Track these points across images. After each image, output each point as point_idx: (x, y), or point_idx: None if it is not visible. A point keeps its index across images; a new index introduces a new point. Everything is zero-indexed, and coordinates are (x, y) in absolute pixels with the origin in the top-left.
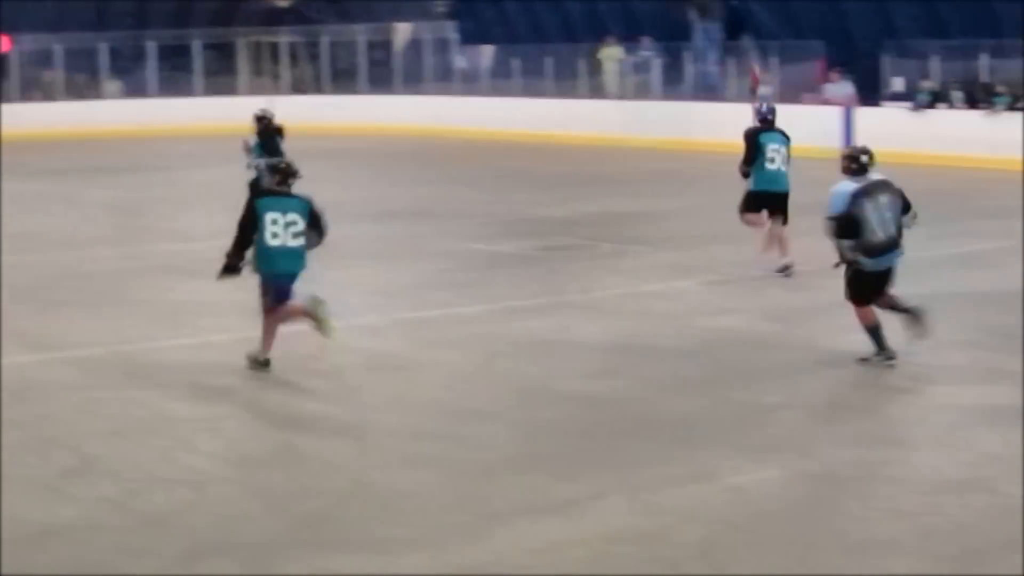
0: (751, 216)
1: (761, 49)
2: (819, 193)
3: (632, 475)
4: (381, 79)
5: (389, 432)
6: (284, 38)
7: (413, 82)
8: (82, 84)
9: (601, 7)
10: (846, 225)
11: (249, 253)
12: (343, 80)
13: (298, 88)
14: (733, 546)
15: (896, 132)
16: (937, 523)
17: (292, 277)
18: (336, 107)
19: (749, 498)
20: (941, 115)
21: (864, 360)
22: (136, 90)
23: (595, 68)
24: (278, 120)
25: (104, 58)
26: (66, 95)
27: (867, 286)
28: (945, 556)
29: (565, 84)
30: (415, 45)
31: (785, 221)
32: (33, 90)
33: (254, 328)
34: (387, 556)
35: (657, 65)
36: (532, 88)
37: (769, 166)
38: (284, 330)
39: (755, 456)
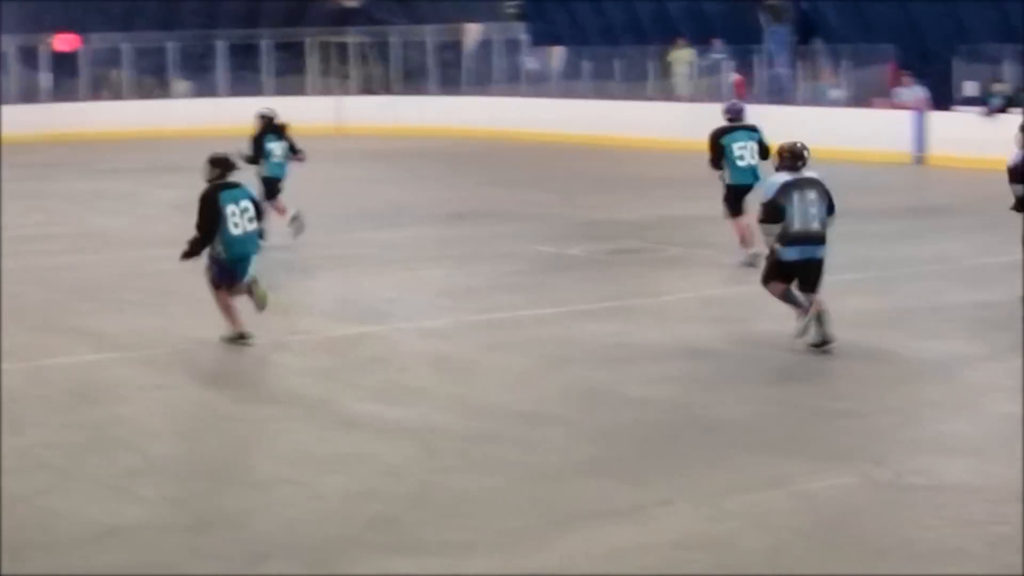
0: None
1: (832, 52)
2: (883, 199)
3: (699, 481)
4: (450, 80)
5: (455, 435)
6: (353, 38)
7: (482, 83)
8: (151, 83)
9: (672, 9)
10: (771, 212)
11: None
12: (412, 81)
13: (367, 89)
14: (801, 554)
15: (968, 136)
16: (1006, 532)
17: (250, 258)
18: (405, 108)
19: (817, 505)
20: (1014, 119)
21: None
22: (205, 90)
23: (665, 70)
24: (284, 120)
25: (173, 57)
26: (135, 94)
27: (781, 273)
28: (1013, 565)
29: (635, 86)
30: (484, 46)
31: None
32: (102, 89)
33: (320, 328)
34: (452, 560)
35: (728, 68)
36: (601, 90)
37: (739, 163)
38: (345, 333)
39: (823, 462)
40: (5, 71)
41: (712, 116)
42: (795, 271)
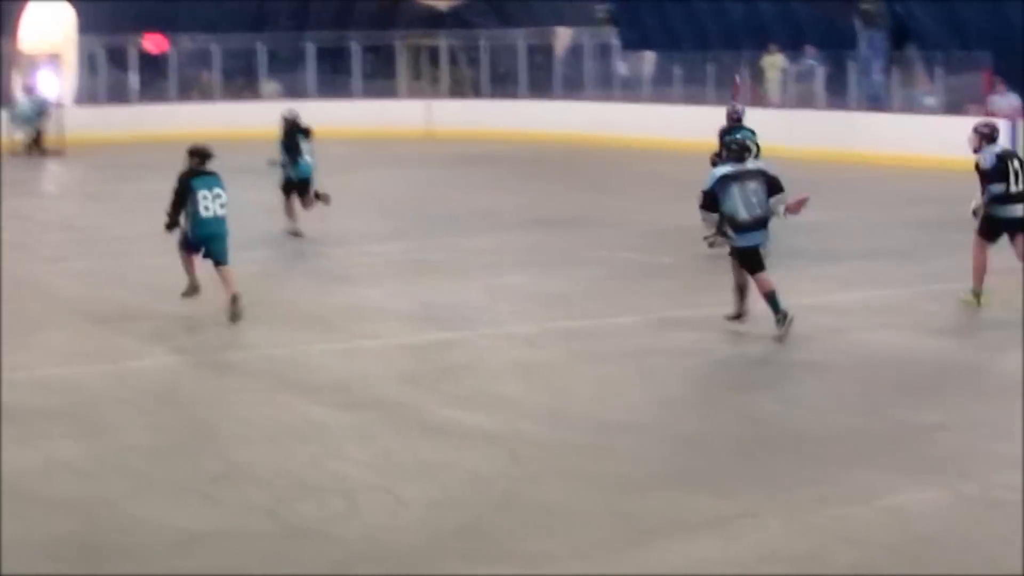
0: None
1: (926, 59)
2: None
3: (786, 493)
4: (540, 84)
5: (540, 443)
6: (443, 41)
7: (573, 88)
8: (240, 85)
9: (764, 14)
10: (708, 201)
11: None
12: (502, 85)
13: (456, 92)
14: (887, 569)
15: None
16: None
17: (221, 239)
18: (494, 112)
19: (906, 520)
20: None
21: (733, 319)
22: (294, 92)
23: (757, 76)
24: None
25: (263, 59)
26: (224, 96)
27: (743, 259)
28: None
29: (727, 92)
30: (575, 51)
31: None
32: (191, 90)
33: (406, 333)
34: (537, 570)
35: (820, 74)
36: (693, 96)
37: None
38: (430, 339)
39: (913, 477)
40: (94, 72)
41: (804, 122)
42: (746, 255)
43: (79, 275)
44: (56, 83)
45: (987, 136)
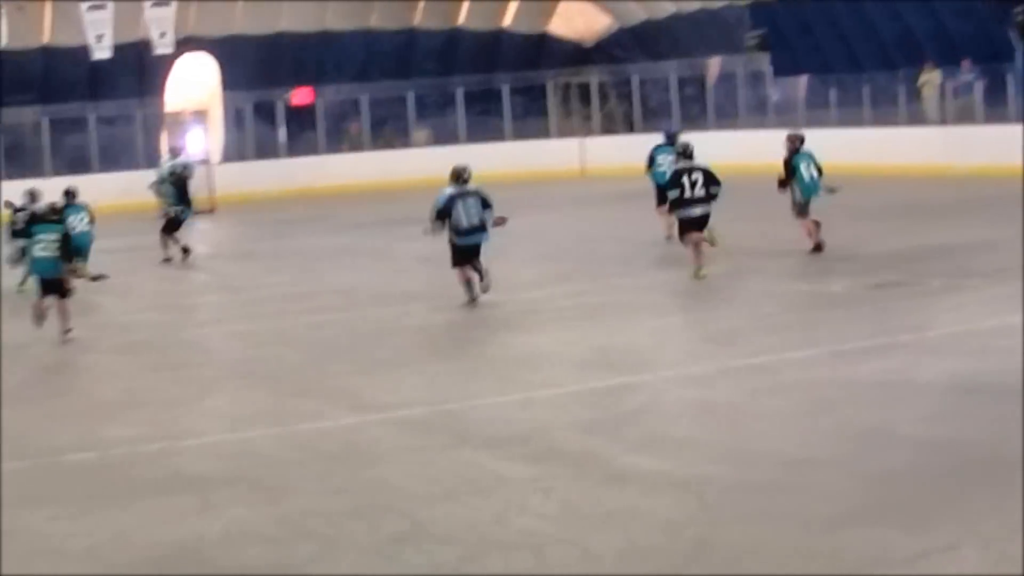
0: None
1: None
2: None
3: (984, 524)
4: (693, 115)
5: (726, 485)
6: (593, 78)
7: (726, 117)
8: (389, 133)
9: (918, 32)
10: (440, 214)
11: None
12: (654, 118)
13: (609, 129)
14: None
15: None
16: None
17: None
18: (649, 146)
19: None
20: None
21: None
22: (444, 137)
23: (914, 94)
24: None
25: (411, 106)
26: (373, 145)
27: (459, 255)
28: None
29: (883, 112)
30: (727, 79)
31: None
32: (340, 142)
33: (580, 380)
34: None
35: (979, 88)
36: (849, 118)
37: (805, 178)
38: (605, 384)
39: None
40: (241, 127)
41: (964, 138)
42: (468, 252)
43: (240, 336)
44: (203, 141)
45: None
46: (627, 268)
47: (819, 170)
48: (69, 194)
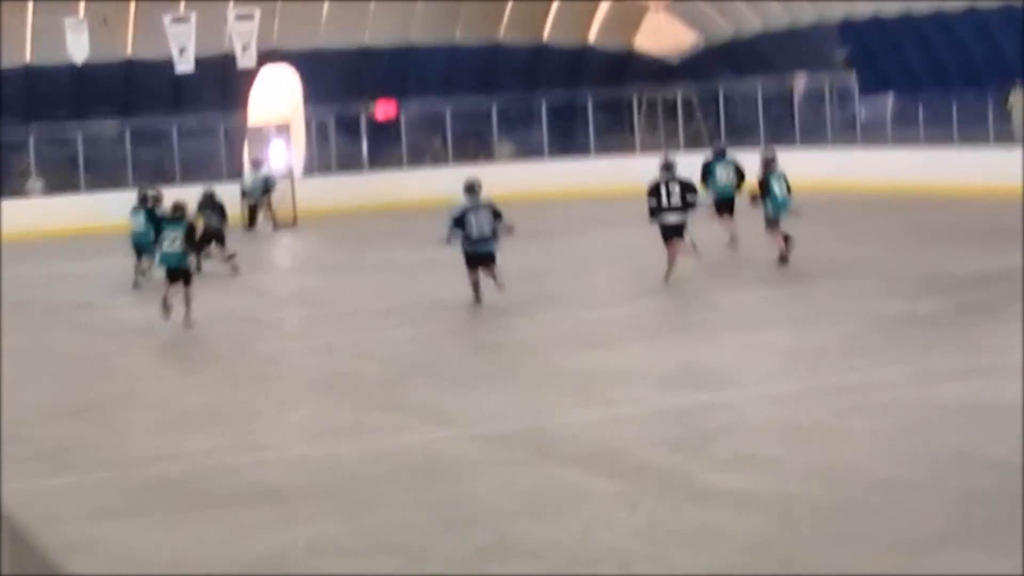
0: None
1: None
2: None
3: None
4: (779, 132)
5: (812, 505)
6: (679, 94)
7: (813, 135)
8: (472, 147)
9: (1007, 50)
10: (456, 223)
11: None
12: (740, 135)
13: (693, 145)
14: None
15: None
16: None
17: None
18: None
19: None
20: None
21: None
22: (527, 151)
23: (1004, 114)
24: None
25: (494, 120)
26: (456, 160)
27: (470, 261)
28: None
29: (971, 131)
30: (813, 96)
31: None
32: (423, 156)
33: (666, 395)
34: None
35: None
36: (937, 137)
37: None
38: (692, 401)
39: None
40: (324, 141)
41: None
42: (479, 259)
43: (323, 350)
44: (286, 154)
45: None
46: (712, 285)
47: (788, 189)
48: (153, 197)
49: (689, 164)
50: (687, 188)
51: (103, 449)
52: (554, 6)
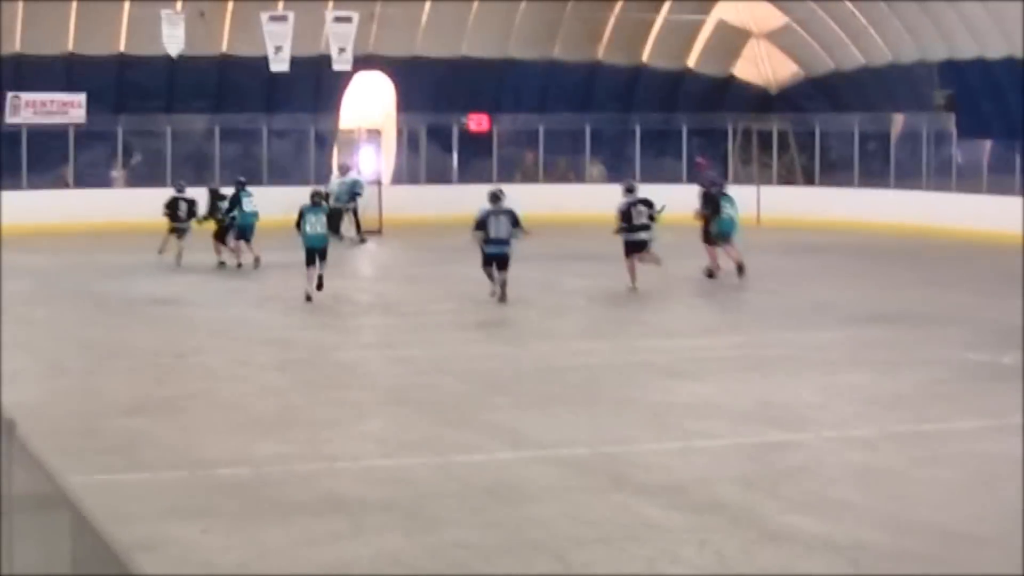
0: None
1: None
2: None
3: None
4: (873, 171)
5: (882, 553)
6: (775, 125)
7: (907, 176)
8: (563, 166)
9: None
10: (478, 225)
11: None
12: (835, 171)
13: (787, 179)
14: None
15: None
16: None
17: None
18: (828, 200)
19: None
20: None
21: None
22: (618, 174)
23: None
24: None
25: (587, 140)
26: (546, 177)
27: (486, 259)
28: None
29: None
30: (911, 137)
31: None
32: (513, 171)
33: (741, 432)
34: None
35: None
36: None
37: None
38: (767, 439)
39: None
40: (415, 150)
41: None
42: (493, 258)
43: (401, 361)
44: (375, 161)
45: None
46: (797, 323)
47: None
48: (241, 182)
49: (780, 195)
50: (650, 207)
51: (175, 448)
52: (655, 29)
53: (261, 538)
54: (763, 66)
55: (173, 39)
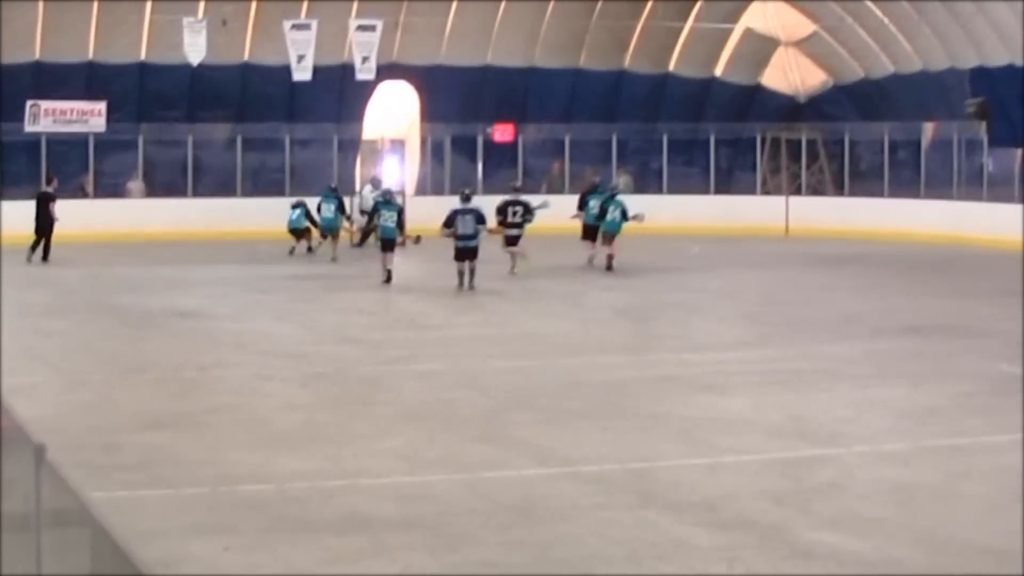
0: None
1: None
2: None
3: None
4: (904, 181)
5: (917, 571)
6: (804, 134)
7: (937, 185)
8: (589, 175)
9: None
10: (447, 223)
11: None
12: (865, 180)
13: (816, 188)
14: None
15: None
16: None
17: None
18: (858, 209)
19: None
20: None
21: (460, 288)
22: (644, 184)
23: None
24: None
25: (614, 149)
26: (572, 187)
27: (458, 253)
28: None
29: None
30: (942, 145)
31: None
32: (539, 181)
33: (772, 447)
34: None
35: None
36: None
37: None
38: (797, 455)
39: None
40: (440, 160)
41: None
42: (464, 252)
43: (426, 376)
44: (399, 171)
45: None
46: (827, 335)
47: (623, 215)
48: (332, 188)
49: (810, 205)
50: (526, 209)
51: (196, 463)
52: (682, 37)
53: (284, 555)
54: (791, 74)
55: (195, 47)
